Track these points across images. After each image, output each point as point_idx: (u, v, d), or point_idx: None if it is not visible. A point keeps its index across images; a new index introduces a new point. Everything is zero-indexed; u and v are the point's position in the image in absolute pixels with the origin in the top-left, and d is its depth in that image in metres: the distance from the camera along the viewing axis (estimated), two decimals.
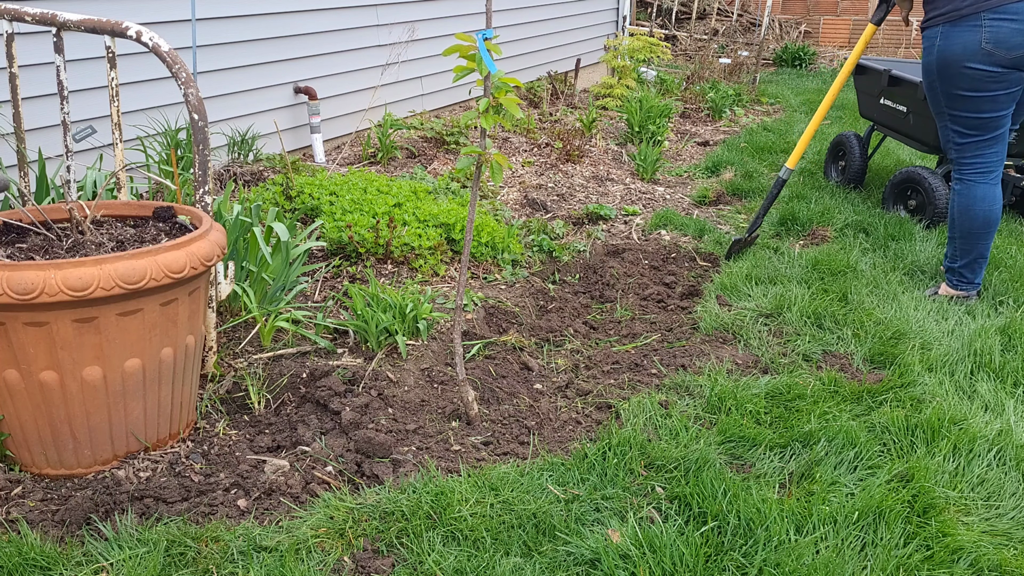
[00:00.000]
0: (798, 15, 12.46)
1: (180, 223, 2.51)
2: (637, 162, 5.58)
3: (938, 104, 3.52)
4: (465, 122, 5.58)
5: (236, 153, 4.38)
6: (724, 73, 9.31)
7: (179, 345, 2.30)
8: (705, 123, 7.46)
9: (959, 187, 3.55)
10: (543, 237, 4.12)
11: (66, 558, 1.96)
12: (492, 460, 2.44)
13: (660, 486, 2.30)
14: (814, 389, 2.83)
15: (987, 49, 3.27)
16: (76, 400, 2.16)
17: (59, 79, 2.61)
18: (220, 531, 2.05)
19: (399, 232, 3.61)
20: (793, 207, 4.74)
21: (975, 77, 3.34)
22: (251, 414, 2.61)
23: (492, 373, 2.92)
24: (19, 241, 2.32)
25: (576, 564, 2.01)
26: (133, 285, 2.07)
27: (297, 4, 4.69)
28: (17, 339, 2.07)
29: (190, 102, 2.42)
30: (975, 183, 3.51)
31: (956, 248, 3.59)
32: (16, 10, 2.59)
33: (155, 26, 3.77)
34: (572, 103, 7.27)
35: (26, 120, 2.81)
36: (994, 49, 3.26)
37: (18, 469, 2.28)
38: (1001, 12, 3.23)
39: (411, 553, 2.03)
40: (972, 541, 2.12)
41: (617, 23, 8.90)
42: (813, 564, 2.00)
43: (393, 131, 5.26)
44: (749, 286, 3.70)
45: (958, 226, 3.56)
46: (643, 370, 3.03)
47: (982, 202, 3.50)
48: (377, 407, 2.60)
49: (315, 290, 3.40)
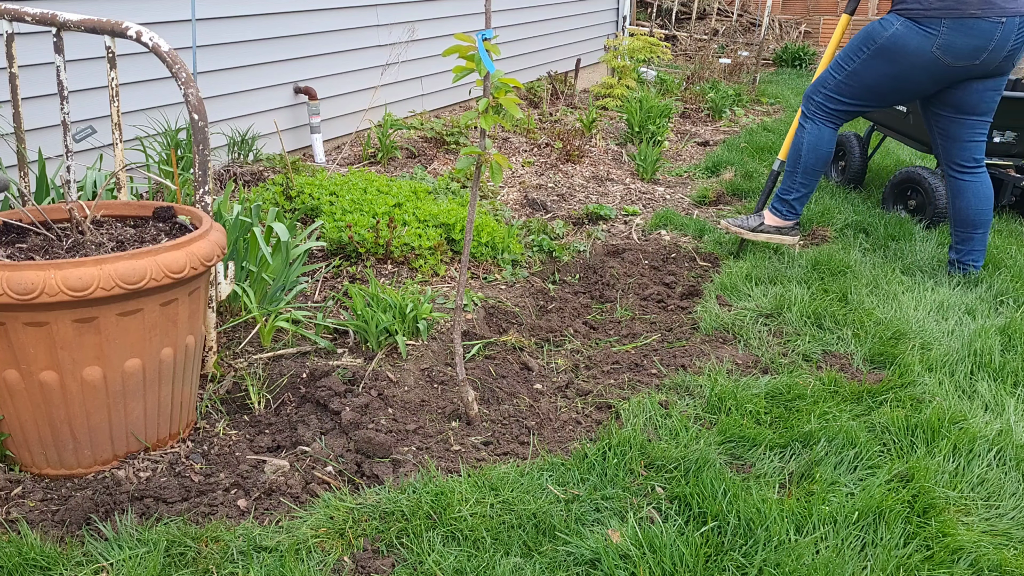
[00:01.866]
0: (798, 15, 12.47)
1: (180, 223, 2.51)
2: (637, 162, 5.58)
3: (849, 60, 3.69)
4: (465, 122, 5.58)
5: (236, 153, 4.39)
6: (724, 73, 9.31)
7: (179, 345, 2.30)
8: (705, 123, 7.46)
9: (810, 127, 3.84)
10: (543, 237, 4.12)
11: (66, 558, 1.96)
12: (492, 460, 2.44)
13: (660, 486, 2.30)
14: (814, 389, 2.83)
15: (936, 55, 3.45)
16: (76, 400, 2.16)
17: (59, 79, 2.61)
18: (220, 531, 2.05)
19: (399, 232, 3.61)
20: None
21: (909, 71, 3.54)
22: (251, 414, 2.61)
23: (492, 373, 2.92)
24: (19, 241, 2.32)
25: (576, 564, 2.01)
26: (133, 285, 2.07)
27: (297, 4, 4.69)
28: (17, 339, 2.07)
29: (190, 102, 2.42)
30: (826, 126, 3.81)
31: (796, 182, 3.90)
32: (16, 10, 2.59)
33: (155, 26, 3.77)
34: (572, 103, 7.27)
35: (26, 120, 2.81)
36: (942, 56, 3.44)
37: (18, 469, 2.28)
38: (960, 25, 3.39)
39: (411, 553, 2.03)
40: (972, 541, 2.12)
41: (617, 23, 8.90)
42: (813, 564, 2.00)
43: (393, 131, 5.26)
44: (749, 286, 3.71)
45: (803, 162, 3.86)
46: (643, 370, 3.03)
47: (829, 143, 3.83)
48: (377, 407, 2.60)
49: (315, 290, 3.40)
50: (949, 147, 3.79)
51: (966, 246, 3.82)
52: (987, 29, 3.39)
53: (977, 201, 3.76)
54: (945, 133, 3.77)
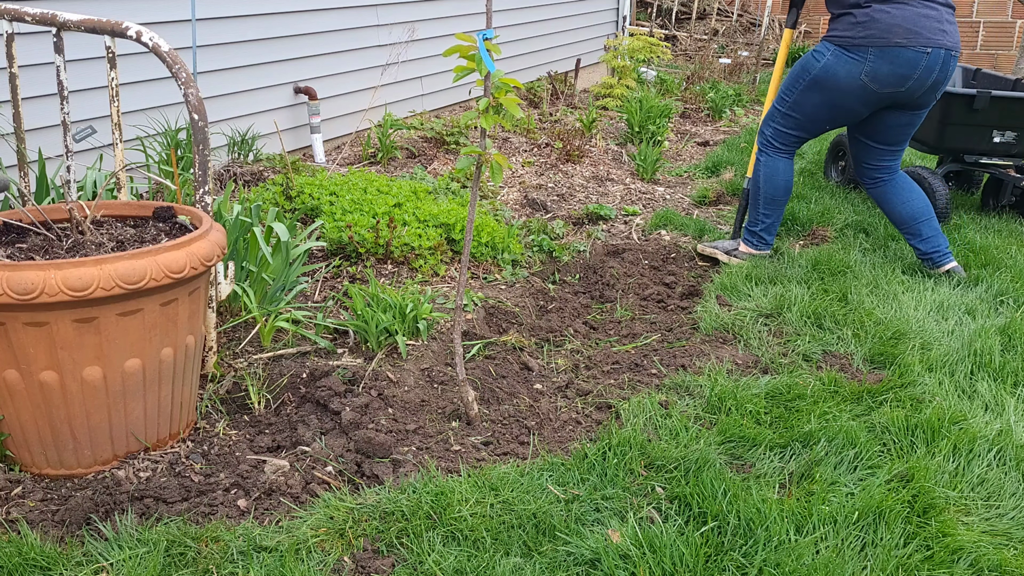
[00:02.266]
0: None
1: (180, 223, 2.51)
2: (637, 162, 5.58)
3: (790, 92, 3.82)
4: (465, 122, 5.58)
5: (236, 153, 4.39)
6: (724, 73, 9.31)
7: (179, 345, 2.30)
8: (705, 123, 7.46)
9: (764, 159, 3.95)
10: (543, 237, 4.12)
11: (66, 558, 1.96)
12: (492, 460, 2.44)
13: (660, 486, 2.30)
14: (814, 389, 2.83)
15: (864, 82, 3.58)
16: (76, 400, 2.16)
17: (59, 79, 2.61)
18: (220, 531, 2.05)
19: (399, 232, 3.61)
20: (793, 207, 4.74)
21: (842, 99, 3.67)
22: (251, 414, 2.61)
23: (492, 373, 2.92)
24: (19, 241, 2.32)
25: (576, 564, 2.01)
26: (133, 285, 2.07)
27: (297, 4, 4.69)
28: (17, 339, 2.07)
29: (190, 102, 2.42)
30: (779, 157, 3.93)
31: (759, 213, 4.00)
32: (16, 10, 2.59)
33: (155, 26, 3.77)
34: (572, 103, 7.27)
35: (26, 120, 2.81)
36: (870, 83, 3.58)
37: (18, 469, 2.28)
38: (885, 53, 3.52)
39: (411, 553, 2.03)
40: (972, 541, 2.12)
41: (617, 23, 8.89)
42: (813, 564, 2.00)
43: (393, 131, 5.26)
44: (749, 286, 3.71)
45: (763, 194, 3.96)
46: (643, 370, 3.03)
47: (785, 173, 3.94)
48: (377, 407, 2.60)
49: (315, 290, 3.40)
50: (856, 166, 4.00)
51: (917, 239, 3.90)
52: (911, 58, 3.51)
53: (899, 199, 3.90)
54: (855, 154, 3.98)
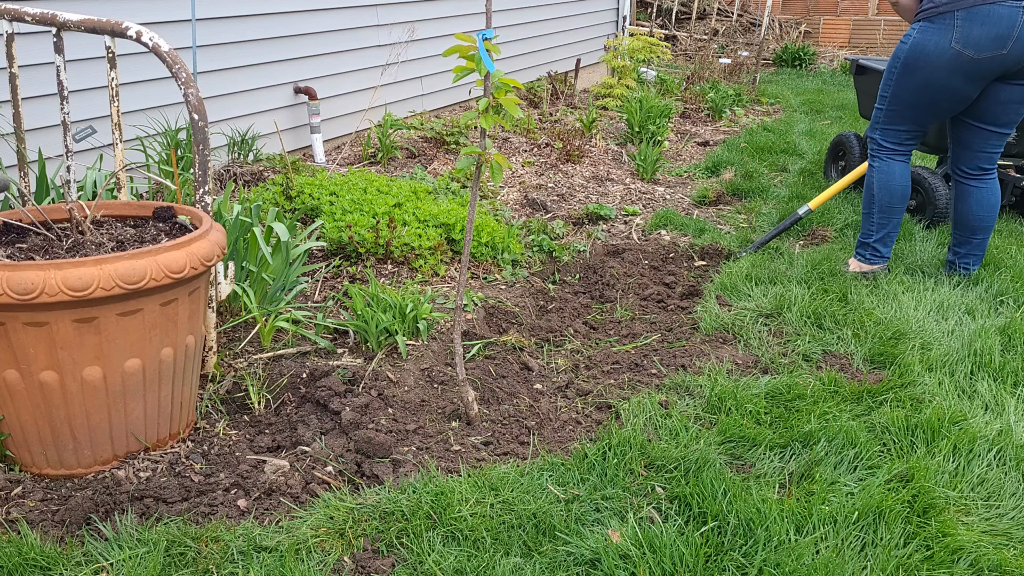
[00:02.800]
0: (798, 15, 12.47)
1: (180, 223, 2.51)
2: (637, 162, 5.58)
3: (887, 87, 3.67)
4: (465, 122, 5.58)
5: (236, 153, 4.39)
6: (724, 73, 9.31)
7: (179, 345, 2.30)
8: (705, 123, 7.46)
9: (878, 164, 3.75)
10: (543, 237, 4.12)
11: (66, 558, 1.96)
12: (492, 460, 2.44)
13: (660, 486, 2.30)
14: (814, 389, 2.83)
15: (956, 49, 3.34)
16: (76, 400, 2.16)
17: (59, 79, 2.61)
18: (220, 531, 2.05)
19: (399, 232, 3.61)
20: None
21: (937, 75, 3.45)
22: (251, 414, 2.61)
23: (492, 373, 2.92)
24: (19, 241, 2.32)
25: (576, 564, 2.01)
26: (133, 285, 2.07)
27: (297, 4, 4.69)
28: (17, 339, 2.07)
29: (190, 102, 2.42)
30: (894, 161, 3.72)
31: (873, 223, 3.79)
32: (16, 10, 2.59)
33: (155, 26, 3.77)
34: (572, 103, 7.27)
35: (26, 120, 2.81)
36: (963, 49, 3.32)
37: (18, 469, 2.28)
38: (974, 14, 3.30)
39: (411, 553, 2.03)
40: (972, 541, 2.12)
41: (617, 23, 8.90)
42: (813, 564, 2.00)
43: (393, 131, 5.26)
44: (749, 286, 3.70)
45: (877, 201, 3.76)
46: (643, 370, 3.03)
47: (901, 178, 3.72)
48: (377, 407, 2.60)
49: (315, 290, 3.40)
50: (959, 153, 3.75)
51: (964, 248, 3.82)
52: (1006, 14, 3.24)
53: (979, 207, 3.75)
54: (959, 139, 3.72)
